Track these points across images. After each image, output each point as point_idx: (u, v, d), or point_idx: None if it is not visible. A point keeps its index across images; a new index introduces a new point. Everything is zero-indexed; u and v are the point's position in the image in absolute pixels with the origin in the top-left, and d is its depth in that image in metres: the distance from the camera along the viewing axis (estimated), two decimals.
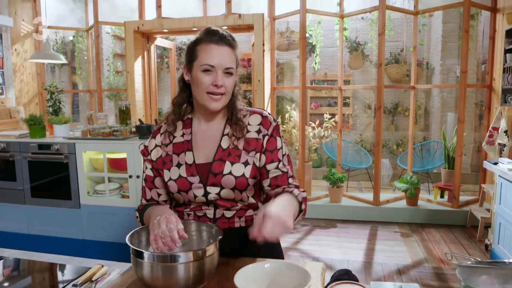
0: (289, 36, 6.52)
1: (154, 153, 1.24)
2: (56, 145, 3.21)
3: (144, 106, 4.79)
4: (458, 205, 4.18)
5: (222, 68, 1.12)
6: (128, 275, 1.07)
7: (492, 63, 4.22)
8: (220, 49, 1.12)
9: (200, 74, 1.12)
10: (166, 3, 4.69)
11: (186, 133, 1.23)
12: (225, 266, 1.09)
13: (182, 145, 1.22)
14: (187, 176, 1.17)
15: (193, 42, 1.16)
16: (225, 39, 1.13)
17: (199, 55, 1.13)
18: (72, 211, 3.27)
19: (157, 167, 1.23)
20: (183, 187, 1.17)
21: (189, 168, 1.18)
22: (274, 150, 1.20)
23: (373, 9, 4.27)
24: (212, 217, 1.20)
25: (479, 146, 5.97)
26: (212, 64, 1.11)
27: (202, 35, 1.15)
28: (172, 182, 1.19)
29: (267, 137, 1.19)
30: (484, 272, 0.96)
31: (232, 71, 1.14)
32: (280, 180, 1.19)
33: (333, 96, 7.19)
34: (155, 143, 1.25)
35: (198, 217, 1.20)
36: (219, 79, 1.11)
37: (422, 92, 6.92)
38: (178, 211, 1.24)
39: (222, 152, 1.18)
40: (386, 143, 7.03)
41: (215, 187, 1.16)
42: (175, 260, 0.91)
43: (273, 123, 1.22)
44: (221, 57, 1.11)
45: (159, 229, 0.99)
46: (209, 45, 1.12)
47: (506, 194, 2.84)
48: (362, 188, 6.25)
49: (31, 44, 4.96)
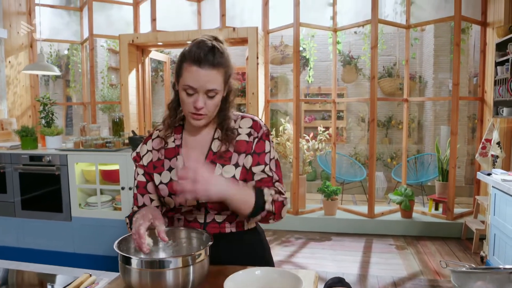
0: (283, 50, 6.58)
1: (146, 158, 1.24)
2: (48, 156, 3.17)
3: (138, 118, 4.77)
4: (452, 217, 4.17)
5: (203, 90, 1.09)
6: (117, 283, 1.05)
7: (483, 76, 4.27)
8: (202, 73, 1.07)
9: (183, 94, 1.12)
10: (161, 16, 4.73)
11: (177, 138, 1.23)
12: (216, 274, 1.07)
13: (174, 150, 1.22)
14: (178, 180, 1.15)
15: (181, 55, 1.13)
16: (208, 58, 1.08)
17: (183, 74, 1.10)
18: (63, 223, 3.22)
19: (148, 172, 1.23)
20: (174, 191, 1.16)
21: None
22: (262, 153, 1.19)
23: (365, 23, 4.33)
24: (203, 222, 1.18)
25: (473, 159, 6.00)
26: (194, 86, 1.09)
27: (188, 52, 1.10)
28: (163, 186, 1.18)
29: (256, 139, 1.19)
30: (479, 277, 0.94)
31: (216, 91, 1.11)
32: (264, 184, 1.17)
33: (327, 109, 7.23)
34: (147, 149, 1.25)
35: (189, 221, 1.19)
36: (199, 102, 1.09)
37: (415, 105, 6.98)
38: (169, 216, 1.23)
39: (212, 155, 1.18)
40: (380, 156, 7.05)
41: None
42: (163, 266, 0.88)
43: (263, 128, 1.22)
44: (202, 80, 1.08)
45: (134, 226, 1.00)
46: (192, 66, 1.08)
47: (500, 205, 2.84)
48: (356, 201, 6.23)
49: (25, 56, 4.96)
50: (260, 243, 1.28)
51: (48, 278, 1.28)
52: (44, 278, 1.29)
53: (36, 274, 1.31)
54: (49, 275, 1.29)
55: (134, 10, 4.86)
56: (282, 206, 1.15)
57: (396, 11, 4.56)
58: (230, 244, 1.19)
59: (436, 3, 4.35)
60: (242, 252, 1.21)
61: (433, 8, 4.42)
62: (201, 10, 4.84)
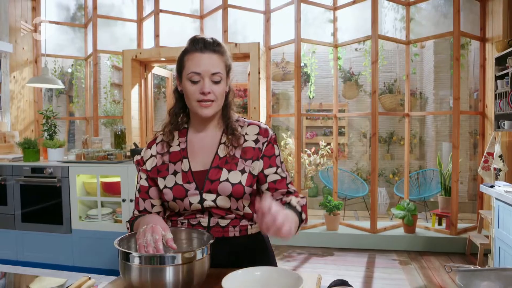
0: (285, 66, 6.65)
1: (149, 163, 1.23)
2: (49, 168, 3.17)
3: (140, 133, 4.79)
4: (456, 232, 4.12)
5: (208, 75, 1.12)
6: (117, 283, 1.03)
7: (484, 90, 4.29)
8: (204, 56, 1.12)
9: (188, 84, 1.13)
10: (164, 33, 4.80)
11: (182, 141, 1.22)
12: (218, 276, 1.05)
13: (178, 153, 1.20)
14: (183, 183, 1.15)
15: (181, 53, 1.17)
16: (210, 46, 1.13)
17: (186, 65, 1.14)
18: (63, 236, 3.20)
19: (152, 176, 1.21)
20: (178, 195, 1.15)
21: (185, 175, 1.16)
22: (272, 156, 1.20)
23: (366, 39, 4.38)
24: (207, 225, 1.17)
25: (475, 175, 5.98)
26: (198, 71, 1.11)
27: (187, 45, 1.16)
28: (167, 190, 1.17)
29: (266, 143, 1.20)
30: (484, 276, 0.93)
31: (220, 76, 1.13)
32: (279, 185, 1.18)
33: (328, 125, 7.25)
34: (151, 153, 1.24)
35: (192, 225, 1.17)
36: (206, 86, 1.11)
37: (416, 121, 6.99)
38: (172, 220, 1.21)
39: (219, 160, 1.17)
40: (382, 172, 7.02)
41: (211, 194, 1.14)
42: (163, 262, 0.87)
43: (271, 133, 1.23)
44: (206, 63, 1.11)
45: (144, 238, 0.96)
46: (194, 53, 1.13)
47: (504, 217, 2.81)
48: (359, 217, 6.17)
49: (30, 72, 5.02)
50: (265, 249, 1.26)
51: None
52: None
53: (33, 276, 1.29)
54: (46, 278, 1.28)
55: (137, 26, 4.94)
56: (306, 208, 1.18)
57: (396, 27, 4.63)
58: (233, 249, 1.18)
59: (435, 19, 4.42)
60: (245, 256, 1.19)
61: (433, 24, 4.49)
62: (204, 26, 4.92)
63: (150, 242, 0.94)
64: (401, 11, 4.57)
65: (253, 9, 4.68)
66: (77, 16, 5.38)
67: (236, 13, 4.68)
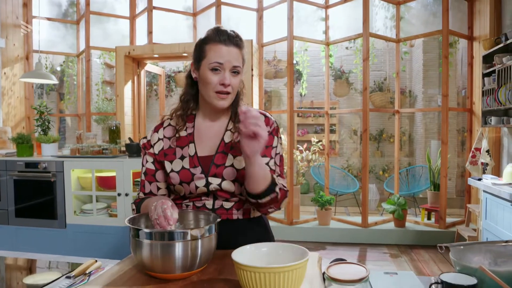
0: (276, 64, 6.71)
1: (157, 146, 1.25)
2: (44, 163, 3.17)
3: (133, 130, 4.79)
4: (445, 226, 4.22)
5: (229, 67, 1.15)
6: (125, 264, 1.06)
7: (471, 87, 4.40)
8: (228, 49, 1.15)
9: (208, 73, 1.15)
10: (157, 30, 4.82)
11: (189, 127, 1.25)
12: (222, 257, 1.09)
13: (186, 138, 1.24)
14: (189, 168, 1.19)
15: (202, 40, 1.20)
16: (233, 39, 1.17)
17: (208, 54, 1.16)
18: (57, 231, 3.20)
19: (159, 160, 1.24)
20: (185, 179, 1.19)
21: (191, 159, 1.20)
22: (269, 147, 1.23)
23: (357, 36, 4.46)
24: (211, 208, 1.21)
25: (463, 171, 6.11)
26: (221, 61, 1.14)
27: (211, 34, 1.18)
28: (174, 174, 1.20)
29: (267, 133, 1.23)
30: (475, 250, 0.98)
31: (239, 69, 1.18)
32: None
33: (320, 123, 7.32)
34: (158, 137, 1.26)
35: (197, 207, 1.21)
36: (226, 78, 1.15)
37: (406, 118, 7.11)
38: (177, 203, 1.24)
39: (224, 146, 1.21)
40: (372, 169, 7.13)
41: (217, 178, 1.18)
42: (173, 238, 0.91)
43: (274, 124, 1.27)
44: (229, 56, 1.15)
45: (155, 212, 1.00)
46: (218, 44, 1.15)
47: (491, 209, 2.90)
48: (349, 213, 6.26)
49: (21, 68, 4.99)
50: (266, 232, 1.31)
51: (53, 264, 1.29)
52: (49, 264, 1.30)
53: (41, 261, 1.32)
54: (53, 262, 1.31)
55: (130, 23, 4.95)
56: (284, 196, 1.19)
57: (387, 26, 4.72)
58: (237, 231, 1.22)
59: (424, 18, 4.52)
60: (247, 238, 1.23)
61: (422, 23, 4.59)
62: (197, 24, 4.95)
63: (161, 214, 0.98)
64: (391, 10, 4.66)
65: (246, 7, 4.72)
66: (69, 13, 5.37)
67: (229, 11, 4.72)
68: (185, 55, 4.62)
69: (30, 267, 1.29)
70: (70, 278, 1.13)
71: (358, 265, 1.02)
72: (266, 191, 1.11)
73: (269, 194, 1.12)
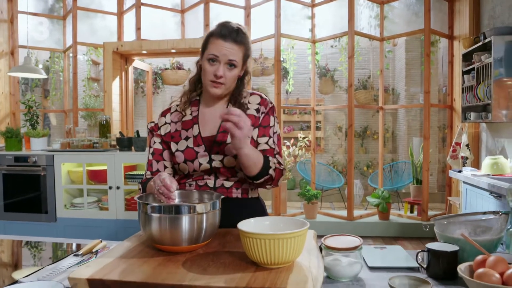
0: (263, 62, 6.77)
1: (163, 129, 1.36)
2: (33, 157, 3.18)
3: (121, 125, 4.81)
4: (427, 219, 4.37)
5: (225, 60, 1.25)
6: (132, 241, 1.11)
7: (452, 85, 4.57)
8: (226, 44, 1.25)
9: (206, 63, 1.27)
10: (144, 27, 4.83)
11: (194, 110, 1.36)
12: (224, 234, 1.16)
13: (190, 121, 1.34)
14: (193, 147, 1.29)
15: (208, 33, 1.30)
16: (233, 35, 1.26)
17: (209, 46, 1.27)
18: (47, 224, 3.21)
19: (165, 140, 1.34)
20: (189, 157, 1.28)
21: (195, 139, 1.30)
22: (267, 126, 1.33)
23: (343, 34, 4.57)
24: (213, 186, 1.30)
25: (444, 167, 6.31)
26: (217, 54, 1.25)
27: (215, 28, 1.29)
28: (179, 153, 1.30)
29: (264, 114, 1.33)
30: (456, 221, 1.08)
31: (235, 63, 1.27)
32: (267, 154, 1.30)
33: (306, 120, 7.44)
34: (165, 121, 1.37)
35: (200, 186, 1.30)
36: (219, 70, 1.25)
37: (389, 115, 7.29)
38: (180, 183, 1.33)
39: None
40: (357, 164, 7.28)
41: (219, 155, 1.28)
42: (180, 211, 0.98)
43: (270, 104, 1.36)
44: (225, 50, 1.25)
45: (155, 185, 1.08)
46: (218, 39, 1.26)
47: (471, 199, 3.04)
48: (335, 208, 6.39)
49: (5, 64, 4.94)
50: (263, 213, 1.40)
51: (60, 245, 1.34)
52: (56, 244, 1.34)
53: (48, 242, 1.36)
54: (60, 243, 1.35)
55: (118, 19, 4.95)
56: (280, 175, 1.30)
57: (371, 25, 4.84)
58: (236, 209, 1.29)
59: (407, 17, 4.66)
60: (245, 217, 1.31)
61: (405, 22, 4.73)
62: (185, 20, 4.98)
63: (160, 184, 1.07)
64: (375, 9, 4.79)
65: (234, 4, 4.78)
66: (55, 8, 5.33)
67: (217, 8, 4.77)
68: (173, 51, 4.66)
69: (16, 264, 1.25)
70: (78, 256, 1.18)
71: (351, 236, 1.10)
72: (259, 174, 1.23)
73: (262, 176, 1.24)
